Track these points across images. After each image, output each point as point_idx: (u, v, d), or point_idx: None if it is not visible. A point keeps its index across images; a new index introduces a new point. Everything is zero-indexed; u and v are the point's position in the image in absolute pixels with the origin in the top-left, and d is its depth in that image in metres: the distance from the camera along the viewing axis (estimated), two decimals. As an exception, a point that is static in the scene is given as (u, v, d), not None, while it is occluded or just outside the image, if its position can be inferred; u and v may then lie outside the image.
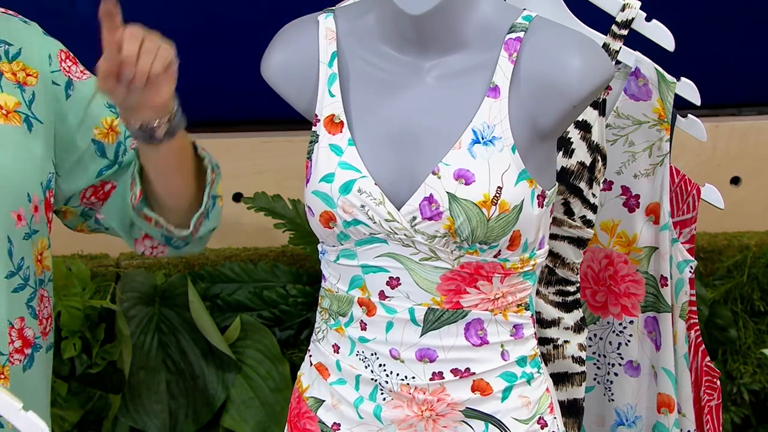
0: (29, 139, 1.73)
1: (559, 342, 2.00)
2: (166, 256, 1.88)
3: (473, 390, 1.68)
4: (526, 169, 1.61)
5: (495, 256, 1.63)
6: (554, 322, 2.00)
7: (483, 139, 1.61)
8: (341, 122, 1.68)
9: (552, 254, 1.99)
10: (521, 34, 1.62)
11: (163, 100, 1.61)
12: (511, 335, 1.68)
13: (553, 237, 1.98)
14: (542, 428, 1.71)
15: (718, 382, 2.30)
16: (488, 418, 1.68)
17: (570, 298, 2.01)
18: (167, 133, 1.65)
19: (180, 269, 2.98)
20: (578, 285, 2.02)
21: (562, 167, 1.98)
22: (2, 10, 1.78)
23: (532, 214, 1.63)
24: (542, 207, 1.64)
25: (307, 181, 1.69)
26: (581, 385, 2.01)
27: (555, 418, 1.74)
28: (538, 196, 1.63)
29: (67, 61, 1.79)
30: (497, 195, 1.59)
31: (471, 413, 1.68)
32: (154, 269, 2.96)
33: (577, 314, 2.02)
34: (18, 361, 1.75)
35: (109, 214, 1.85)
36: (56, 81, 1.77)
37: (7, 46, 1.74)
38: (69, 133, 1.78)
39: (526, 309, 1.69)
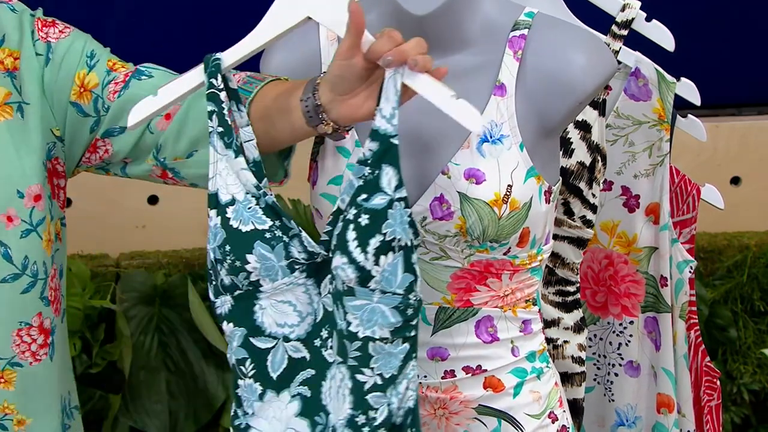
0: (19, 127, 1.71)
1: (559, 342, 2.00)
2: None
3: (485, 387, 1.68)
4: (533, 166, 1.61)
5: (505, 254, 1.63)
6: (554, 322, 1.99)
7: (491, 137, 1.60)
8: None
9: (552, 254, 1.99)
10: (525, 32, 1.62)
11: (365, 112, 1.52)
12: (520, 331, 1.68)
13: (553, 237, 1.97)
14: (553, 422, 1.71)
15: (718, 382, 2.30)
16: (501, 415, 1.68)
17: (570, 299, 2.01)
18: (332, 133, 1.58)
19: (180, 269, 2.98)
20: (578, 285, 2.02)
21: (562, 167, 1.97)
22: None
23: (540, 211, 1.63)
24: (549, 203, 1.64)
25: (314, 184, 1.69)
26: (581, 385, 2.01)
27: (564, 411, 1.74)
28: (545, 192, 1.63)
29: (45, 28, 1.76)
30: (508, 193, 1.59)
31: (484, 410, 1.68)
32: (154, 269, 2.96)
33: (577, 314, 2.01)
34: (45, 355, 1.75)
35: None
36: (38, 51, 1.74)
37: None
38: (57, 96, 1.75)
39: (534, 304, 1.70)
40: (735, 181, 3.29)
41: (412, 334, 1.50)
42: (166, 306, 2.86)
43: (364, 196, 1.46)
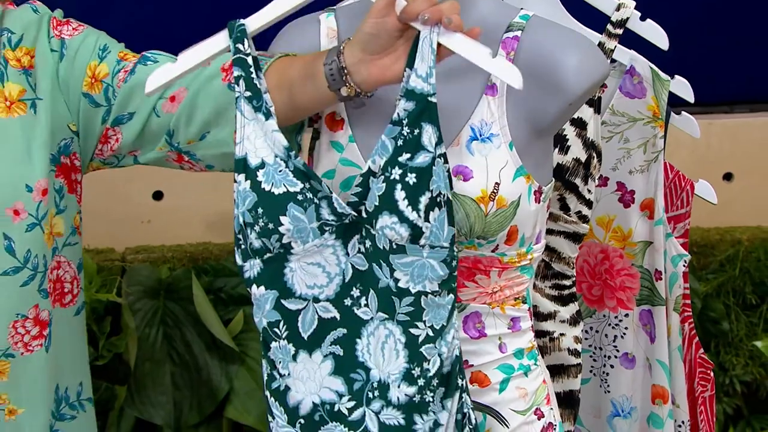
0: (31, 123, 1.72)
1: (555, 335, 1.99)
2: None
3: (471, 382, 1.67)
4: (523, 165, 1.60)
5: (493, 251, 1.63)
6: (550, 315, 1.99)
7: (481, 136, 1.60)
8: (342, 119, 1.68)
9: (548, 249, 1.98)
10: (518, 33, 1.61)
11: (394, 73, 1.53)
12: (508, 328, 1.68)
13: (549, 232, 1.98)
14: (539, 419, 1.70)
15: (712, 374, 2.29)
16: (486, 410, 1.68)
17: (566, 292, 2.00)
18: (354, 97, 1.58)
19: (184, 263, 2.98)
20: (574, 279, 2.02)
21: (558, 164, 1.97)
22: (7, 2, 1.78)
23: (530, 210, 1.62)
24: (539, 202, 1.64)
25: None
26: (577, 377, 2.00)
27: (551, 408, 1.73)
28: (535, 191, 1.62)
29: (59, 27, 1.77)
30: (495, 191, 1.58)
31: None
32: (159, 263, 2.96)
33: (573, 307, 2.01)
34: (39, 346, 1.75)
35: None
36: (53, 48, 1.76)
37: (10, 34, 1.74)
38: (72, 89, 1.77)
39: (524, 302, 1.69)
40: (728, 177, 3.29)
41: (455, 285, 1.53)
42: (171, 299, 2.86)
43: (407, 155, 1.48)
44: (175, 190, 3.12)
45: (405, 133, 1.49)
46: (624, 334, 2.21)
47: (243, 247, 1.58)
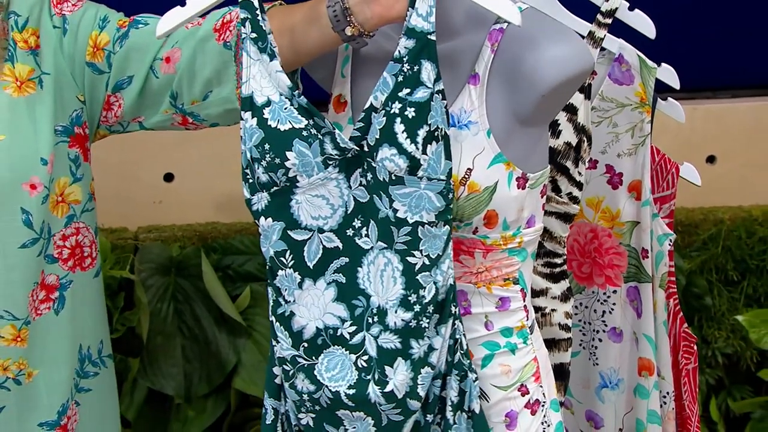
0: (39, 99, 1.72)
1: (547, 310, 2.00)
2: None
3: None
4: (502, 152, 1.58)
5: (473, 233, 1.61)
6: (542, 292, 1.99)
7: (459, 123, 1.59)
8: (346, 102, 1.69)
9: (540, 228, 1.99)
10: (504, 25, 1.60)
11: (397, 12, 1.52)
12: (496, 307, 1.66)
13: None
14: (523, 395, 1.68)
15: (695, 347, 2.30)
16: None
17: (557, 270, 2.01)
18: (358, 36, 1.58)
19: (194, 242, 2.98)
20: (565, 257, 2.02)
21: (550, 147, 1.96)
22: None
23: (510, 196, 1.60)
24: (523, 189, 1.61)
25: None
26: (567, 350, 2.01)
27: (540, 386, 1.70)
28: (518, 178, 1.60)
29: (59, 4, 1.78)
30: (466, 176, 1.57)
31: None
32: (170, 242, 2.96)
33: (564, 284, 2.01)
34: (47, 309, 1.76)
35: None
36: (56, 25, 1.76)
37: (16, 17, 1.74)
38: (77, 61, 1.77)
39: (515, 283, 1.66)
40: (711, 159, 3.28)
41: (450, 216, 1.54)
42: (181, 276, 2.86)
43: (407, 90, 1.49)
44: (185, 172, 3.12)
45: (405, 70, 1.49)
46: (612, 309, 2.22)
47: (251, 181, 1.59)
